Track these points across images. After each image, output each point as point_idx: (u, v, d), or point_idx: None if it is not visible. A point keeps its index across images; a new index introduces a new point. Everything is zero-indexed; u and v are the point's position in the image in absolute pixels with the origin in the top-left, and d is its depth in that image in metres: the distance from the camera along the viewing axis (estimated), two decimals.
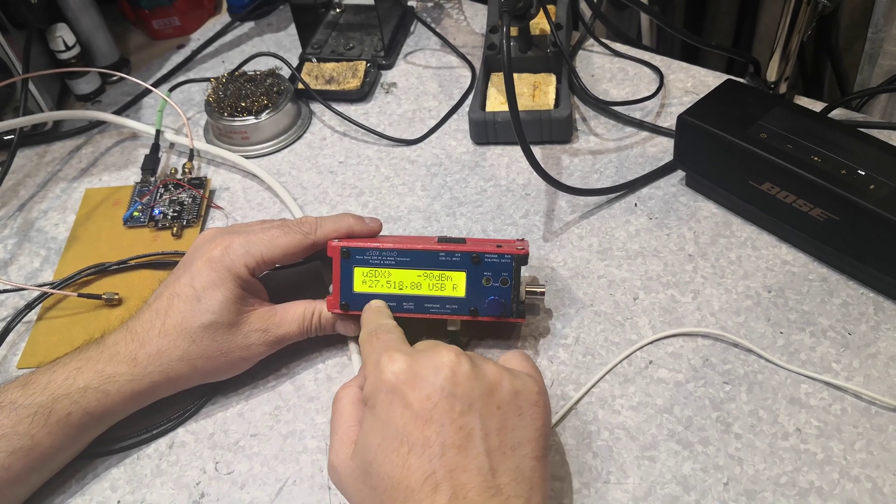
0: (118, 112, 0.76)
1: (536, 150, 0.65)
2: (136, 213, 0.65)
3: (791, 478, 0.44)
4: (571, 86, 0.70)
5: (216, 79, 0.73)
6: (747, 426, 0.47)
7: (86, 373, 0.45)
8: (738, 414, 0.47)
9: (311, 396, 0.51)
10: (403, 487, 0.36)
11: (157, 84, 0.80)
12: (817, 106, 0.66)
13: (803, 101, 0.68)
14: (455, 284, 0.49)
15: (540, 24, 0.73)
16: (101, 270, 0.60)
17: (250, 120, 0.69)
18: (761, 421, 0.47)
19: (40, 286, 0.59)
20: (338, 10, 0.85)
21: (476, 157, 0.68)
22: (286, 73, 0.76)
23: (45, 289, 0.58)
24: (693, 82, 0.72)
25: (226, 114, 0.70)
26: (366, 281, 0.49)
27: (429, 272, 0.49)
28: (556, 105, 0.67)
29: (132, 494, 0.47)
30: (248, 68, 0.77)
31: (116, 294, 0.57)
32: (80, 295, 0.57)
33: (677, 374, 0.50)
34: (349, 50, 0.80)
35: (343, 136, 0.72)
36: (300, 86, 0.74)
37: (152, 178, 0.68)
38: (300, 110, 0.74)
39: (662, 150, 0.66)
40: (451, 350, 0.39)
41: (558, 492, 0.44)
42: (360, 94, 0.75)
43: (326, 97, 0.74)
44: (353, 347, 0.53)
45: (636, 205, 0.62)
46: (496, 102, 0.69)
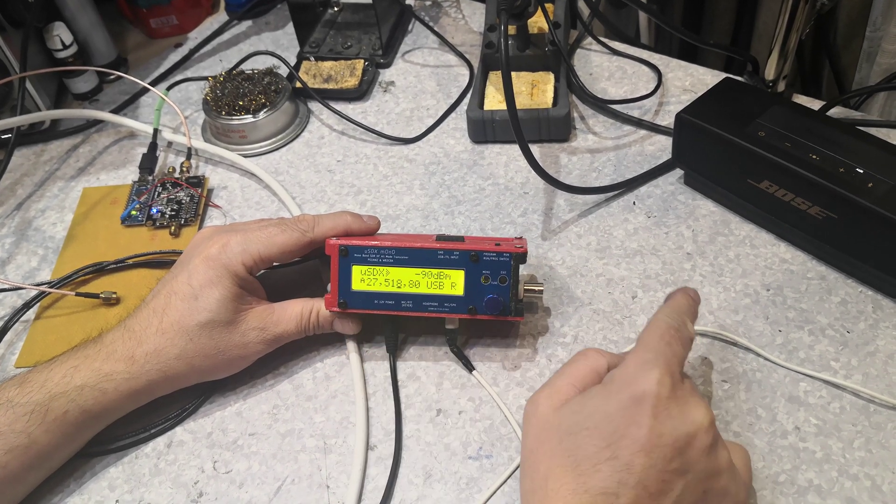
0: (116, 111, 0.76)
1: (535, 148, 0.65)
2: (133, 212, 0.64)
3: (790, 476, 0.44)
4: (570, 84, 0.70)
5: (214, 77, 0.72)
6: (746, 424, 0.47)
7: (83, 371, 0.45)
8: (737, 412, 0.47)
9: (310, 395, 0.51)
10: (580, 482, 0.35)
11: (154, 83, 0.80)
12: (816, 104, 0.66)
13: (802, 100, 0.68)
14: (453, 283, 0.49)
15: (538, 22, 0.73)
16: (99, 269, 0.60)
17: (248, 119, 0.69)
18: (760, 419, 0.47)
19: (38, 285, 0.59)
20: (336, 9, 0.85)
21: (474, 156, 0.68)
22: (284, 71, 0.75)
23: (43, 288, 0.58)
24: (691, 81, 0.72)
25: (224, 112, 0.70)
26: (364, 279, 0.49)
27: (427, 270, 0.49)
28: (555, 104, 0.67)
29: (130, 493, 0.47)
30: (246, 67, 0.77)
31: (114, 293, 0.57)
32: (78, 294, 0.57)
33: None
34: (347, 48, 0.80)
35: (341, 135, 0.72)
36: (298, 84, 0.74)
37: (150, 177, 0.68)
38: (298, 109, 0.74)
39: (661, 148, 0.66)
40: (710, 414, 0.37)
41: None
42: (358, 93, 0.75)
43: (324, 96, 0.74)
44: (352, 346, 0.53)
45: (634, 203, 0.61)
46: (494, 101, 0.69)
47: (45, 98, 0.74)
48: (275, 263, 0.51)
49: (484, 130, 0.68)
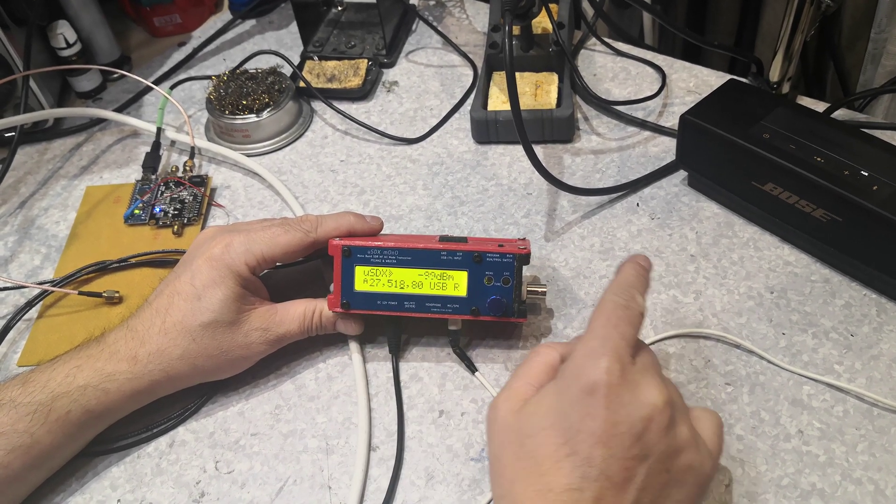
0: (119, 110, 0.76)
1: (538, 149, 0.65)
2: (136, 211, 0.64)
3: (793, 480, 0.44)
4: (573, 85, 0.70)
5: (217, 76, 0.72)
6: (749, 428, 0.47)
7: (85, 371, 0.45)
8: (740, 415, 0.47)
9: (312, 396, 0.51)
10: (544, 482, 0.35)
11: (158, 82, 0.80)
12: (820, 106, 0.66)
13: (806, 102, 0.68)
14: (456, 284, 0.49)
15: (542, 22, 0.72)
16: (102, 268, 0.60)
17: (251, 118, 0.69)
18: (763, 422, 0.47)
19: (41, 284, 0.59)
20: (339, 8, 0.85)
21: (478, 157, 0.68)
22: (287, 71, 0.75)
23: (46, 286, 0.58)
24: (695, 82, 0.72)
25: (227, 112, 0.70)
26: (367, 280, 0.49)
27: (430, 271, 0.49)
28: (558, 104, 0.67)
29: (132, 493, 0.47)
30: (250, 66, 0.76)
31: (117, 292, 0.57)
32: (81, 293, 0.57)
33: (679, 374, 0.50)
34: (351, 48, 0.80)
35: (344, 135, 0.72)
36: (301, 84, 0.74)
37: (153, 176, 0.68)
38: (301, 108, 0.74)
39: (664, 149, 0.66)
40: (663, 393, 0.37)
41: None
42: (362, 93, 0.75)
43: (328, 95, 0.74)
44: (354, 346, 0.53)
45: (638, 205, 0.61)
46: (498, 101, 0.69)
47: (48, 96, 0.74)
48: (278, 264, 0.51)
49: (487, 131, 0.68)
